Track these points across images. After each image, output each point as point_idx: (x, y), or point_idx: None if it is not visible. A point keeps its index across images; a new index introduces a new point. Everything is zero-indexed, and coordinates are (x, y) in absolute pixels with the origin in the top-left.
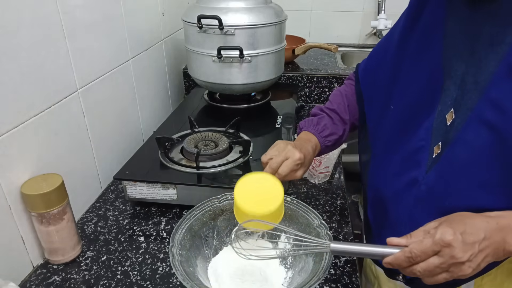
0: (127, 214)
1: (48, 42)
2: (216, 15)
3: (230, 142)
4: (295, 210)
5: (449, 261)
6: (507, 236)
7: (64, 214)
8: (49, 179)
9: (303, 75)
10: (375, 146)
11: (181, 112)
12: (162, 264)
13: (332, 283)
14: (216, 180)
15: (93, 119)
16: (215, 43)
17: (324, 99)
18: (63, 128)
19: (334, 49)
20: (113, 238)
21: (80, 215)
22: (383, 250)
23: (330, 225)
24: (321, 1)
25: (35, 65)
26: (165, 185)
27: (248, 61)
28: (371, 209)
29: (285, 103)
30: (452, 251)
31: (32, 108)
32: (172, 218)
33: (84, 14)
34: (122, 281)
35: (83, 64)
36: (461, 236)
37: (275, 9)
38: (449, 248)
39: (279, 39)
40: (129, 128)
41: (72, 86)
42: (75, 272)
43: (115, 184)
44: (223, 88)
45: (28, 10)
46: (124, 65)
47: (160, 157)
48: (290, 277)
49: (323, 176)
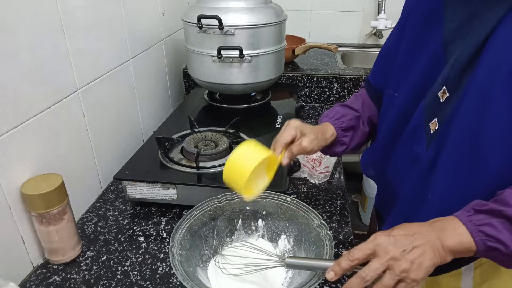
0: (127, 214)
1: (48, 42)
2: (216, 15)
3: (230, 142)
4: (295, 210)
5: (385, 258)
6: (441, 234)
7: (64, 214)
8: (49, 179)
9: (303, 75)
10: (381, 134)
11: (181, 112)
12: (162, 264)
13: (332, 283)
14: (216, 180)
15: (93, 119)
16: (215, 43)
17: (324, 99)
18: (63, 128)
19: (334, 49)
20: (113, 238)
21: (80, 215)
22: (332, 264)
23: (330, 225)
24: (321, 1)
25: (35, 65)
26: (165, 185)
27: (248, 61)
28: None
29: (285, 103)
30: (386, 248)
31: (32, 108)
32: (172, 218)
33: (84, 14)
34: (122, 281)
35: (83, 64)
36: (393, 235)
37: (275, 9)
38: (381, 246)
39: (279, 39)
40: (129, 128)
41: (72, 86)
42: (75, 272)
43: (115, 184)
44: (223, 88)
45: (28, 10)
46: (124, 65)
47: (160, 157)
48: (290, 277)
49: (323, 176)
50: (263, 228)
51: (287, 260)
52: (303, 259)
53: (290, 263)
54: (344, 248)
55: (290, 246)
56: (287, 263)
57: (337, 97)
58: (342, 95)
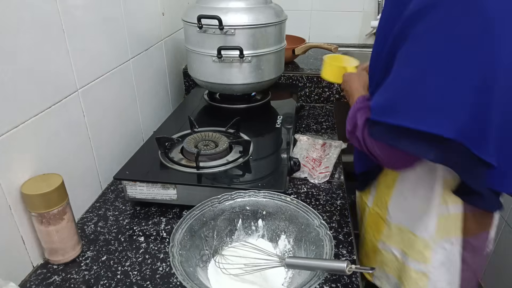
0: (127, 214)
1: (48, 42)
2: (216, 15)
3: (230, 142)
4: (295, 210)
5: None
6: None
7: (64, 214)
8: (49, 179)
9: (303, 75)
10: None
11: (181, 112)
12: (162, 264)
13: (332, 283)
14: (216, 180)
15: (93, 119)
16: (215, 43)
17: (324, 99)
18: (63, 128)
19: (334, 49)
20: (113, 238)
21: (80, 215)
22: (331, 264)
23: (330, 225)
24: (321, 1)
25: (35, 65)
26: (165, 185)
27: (248, 61)
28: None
29: (285, 103)
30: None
31: (32, 108)
32: (172, 218)
33: (84, 14)
34: (122, 281)
35: (83, 64)
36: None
37: (275, 9)
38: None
39: (279, 39)
40: (129, 128)
41: (72, 86)
42: (75, 272)
43: (115, 184)
44: (223, 88)
45: (28, 10)
46: (124, 65)
47: (160, 157)
48: (290, 277)
49: (323, 176)
50: (263, 228)
51: (287, 260)
52: (303, 259)
53: (290, 263)
54: (344, 248)
55: (290, 246)
56: (287, 263)
57: (337, 97)
58: (342, 95)
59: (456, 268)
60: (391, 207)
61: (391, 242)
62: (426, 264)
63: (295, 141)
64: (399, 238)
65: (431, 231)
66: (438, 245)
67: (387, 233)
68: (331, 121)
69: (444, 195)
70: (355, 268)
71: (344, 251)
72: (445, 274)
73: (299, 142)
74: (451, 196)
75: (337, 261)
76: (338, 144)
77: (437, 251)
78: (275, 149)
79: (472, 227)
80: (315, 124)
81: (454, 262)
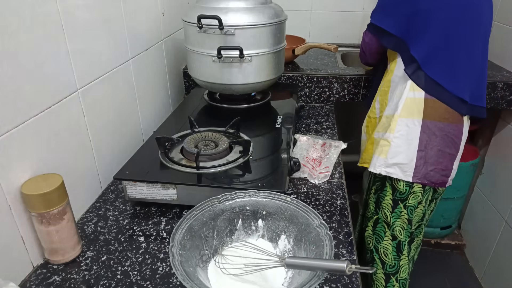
0: (127, 214)
1: (48, 42)
2: (216, 15)
3: (230, 142)
4: (295, 210)
5: None
6: None
7: (64, 214)
8: (49, 179)
9: (303, 75)
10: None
11: (181, 112)
12: (162, 264)
13: (332, 283)
14: (216, 180)
15: (93, 119)
16: (215, 43)
17: (324, 99)
18: (63, 128)
19: (334, 49)
20: (113, 238)
21: (80, 215)
22: (331, 264)
23: (330, 225)
24: (321, 1)
25: (35, 65)
26: (165, 185)
27: (248, 61)
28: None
29: (285, 103)
30: None
31: (32, 108)
32: (172, 218)
33: (84, 14)
34: (122, 281)
35: (83, 64)
36: None
37: (275, 9)
38: None
39: (279, 39)
40: (129, 128)
41: (72, 86)
42: (75, 272)
43: (115, 184)
44: (223, 88)
45: (28, 10)
46: (124, 65)
47: (160, 157)
48: (290, 277)
49: (323, 176)
50: (263, 228)
51: (287, 260)
52: (303, 259)
53: (290, 263)
54: (344, 248)
55: (290, 246)
56: (287, 263)
57: (337, 97)
58: (342, 95)
59: (414, 146)
60: (387, 104)
61: (379, 129)
62: (390, 133)
63: (295, 141)
64: (387, 124)
65: (399, 110)
66: (403, 122)
67: (380, 124)
68: (331, 121)
69: (413, 86)
70: (355, 268)
71: (344, 251)
72: (404, 145)
73: (299, 142)
74: (418, 88)
75: (337, 261)
76: (338, 144)
77: (401, 125)
78: (275, 149)
79: (431, 112)
80: (315, 124)
81: (413, 140)
